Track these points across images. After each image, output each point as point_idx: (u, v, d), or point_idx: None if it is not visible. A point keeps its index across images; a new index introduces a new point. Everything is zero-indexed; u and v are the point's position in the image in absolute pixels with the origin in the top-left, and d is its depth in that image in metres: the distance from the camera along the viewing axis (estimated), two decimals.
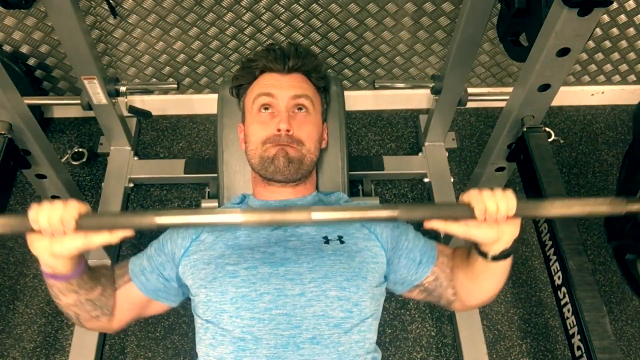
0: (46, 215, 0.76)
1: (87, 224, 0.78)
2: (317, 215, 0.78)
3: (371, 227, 1.01)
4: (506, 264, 0.89)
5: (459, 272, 0.97)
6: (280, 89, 1.08)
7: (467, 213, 0.79)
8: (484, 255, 0.87)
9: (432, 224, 0.81)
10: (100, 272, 0.96)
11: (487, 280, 0.93)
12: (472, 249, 0.91)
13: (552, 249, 1.14)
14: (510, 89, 1.29)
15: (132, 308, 1.00)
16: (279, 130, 1.03)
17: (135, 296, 0.99)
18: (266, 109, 1.08)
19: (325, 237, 0.99)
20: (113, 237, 0.80)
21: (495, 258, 0.86)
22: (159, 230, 0.84)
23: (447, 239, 1.70)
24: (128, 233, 0.80)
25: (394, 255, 1.00)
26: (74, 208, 0.78)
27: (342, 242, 0.98)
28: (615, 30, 1.91)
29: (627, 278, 1.77)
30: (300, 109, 1.08)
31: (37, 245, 0.80)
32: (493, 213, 0.78)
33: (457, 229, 0.82)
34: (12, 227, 0.78)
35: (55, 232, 0.77)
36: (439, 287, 0.99)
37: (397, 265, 1.00)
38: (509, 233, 0.83)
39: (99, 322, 0.97)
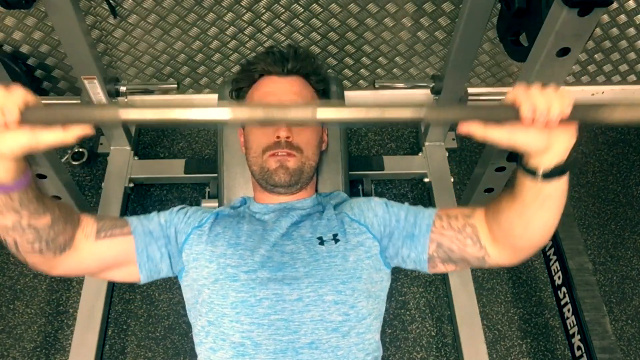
0: None
1: (35, 115, 0.64)
2: (323, 112, 0.64)
3: (361, 219, 1.00)
4: (561, 187, 0.75)
5: (501, 214, 0.83)
6: (280, 99, 1.07)
7: (512, 114, 0.65)
8: (532, 173, 0.73)
9: (469, 128, 0.69)
10: (56, 202, 0.82)
11: (538, 213, 0.78)
12: (518, 172, 0.77)
13: (552, 249, 1.14)
14: (510, 89, 1.29)
15: (104, 261, 0.91)
16: (278, 137, 1.03)
17: (123, 252, 0.92)
18: None
19: (320, 238, 0.98)
20: (67, 134, 0.67)
21: (547, 176, 0.72)
22: (124, 126, 0.66)
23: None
24: (86, 130, 0.67)
25: (389, 240, 0.98)
26: (18, 95, 0.64)
27: (336, 242, 0.98)
28: (615, 30, 1.91)
29: None
30: None
31: None
32: (544, 112, 0.65)
33: (499, 134, 0.70)
34: None
35: None
36: (451, 252, 0.92)
37: (394, 247, 0.98)
38: (561, 141, 0.70)
39: (40, 257, 0.83)
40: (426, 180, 1.94)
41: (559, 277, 1.12)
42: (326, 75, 1.23)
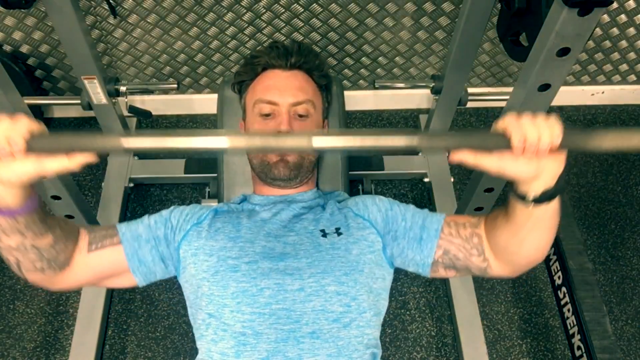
0: None
1: (40, 144, 0.65)
2: (319, 141, 0.64)
3: (365, 214, 1.01)
4: (551, 209, 0.76)
5: (497, 233, 0.85)
6: (281, 96, 1.08)
7: (502, 142, 0.65)
8: (522, 198, 0.75)
9: (460, 156, 0.70)
10: (56, 220, 0.84)
11: (532, 233, 0.80)
12: (509, 196, 0.79)
13: (553, 249, 1.14)
14: (510, 89, 1.29)
15: (99, 272, 0.93)
16: (279, 132, 1.03)
17: (115, 261, 0.93)
18: (267, 115, 1.08)
19: (323, 231, 0.99)
20: (72, 162, 0.69)
21: (537, 200, 0.74)
22: (126, 154, 0.69)
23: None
24: (90, 158, 0.69)
25: (393, 238, 0.98)
26: (23, 125, 0.67)
27: (339, 235, 0.98)
28: (615, 30, 1.91)
29: None
30: (301, 116, 1.09)
31: None
32: (534, 143, 0.65)
33: (489, 162, 0.70)
34: None
35: (1, 154, 0.66)
36: (456, 260, 0.93)
37: (399, 247, 0.98)
38: (550, 168, 0.71)
39: (41, 275, 0.86)
40: (426, 180, 1.94)
41: (559, 277, 1.12)
42: (329, 71, 1.23)
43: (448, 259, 0.94)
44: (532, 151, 0.66)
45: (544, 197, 0.74)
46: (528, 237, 0.81)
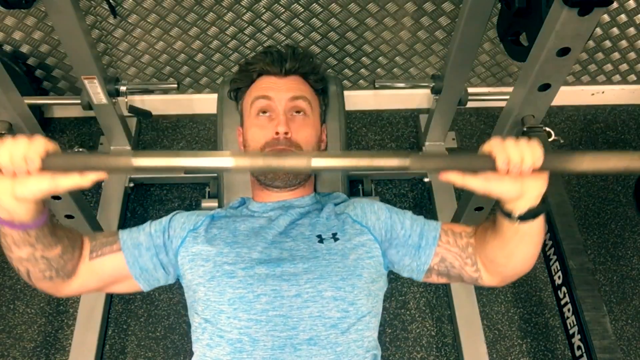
0: (8, 151, 0.69)
1: (55, 163, 0.70)
2: (317, 162, 0.70)
3: (363, 220, 1.01)
4: (536, 226, 0.81)
5: (486, 245, 0.89)
6: (278, 92, 1.08)
7: (488, 164, 0.71)
8: (508, 215, 0.79)
9: (448, 177, 0.75)
10: (64, 231, 0.88)
11: (518, 247, 0.84)
12: (497, 213, 0.83)
13: (552, 249, 1.14)
14: (510, 89, 1.29)
15: (102, 279, 0.95)
16: (277, 133, 1.03)
17: (116, 268, 0.95)
18: (264, 112, 1.08)
19: (319, 236, 0.99)
20: (84, 179, 0.73)
21: (522, 218, 0.79)
22: (136, 173, 0.76)
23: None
24: (101, 175, 0.74)
25: (391, 245, 0.99)
26: (39, 145, 0.71)
27: (335, 240, 0.98)
28: (615, 30, 1.90)
29: None
30: (298, 112, 1.08)
31: None
32: (517, 164, 0.71)
33: (476, 183, 0.75)
34: None
35: (18, 172, 0.70)
36: (452, 268, 0.95)
37: (398, 254, 0.98)
38: (534, 188, 0.76)
39: (49, 283, 0.89)
40: (426, 180, 1.94)
41: (559, 277, 1.11)
42: (325, 74, 1.23)
43: (444, 266, 0.96)
44: (515, 172, 0.71)
45: (529, 215, 0.79)
46: (515, 251, 0.85)
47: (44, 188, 0.72)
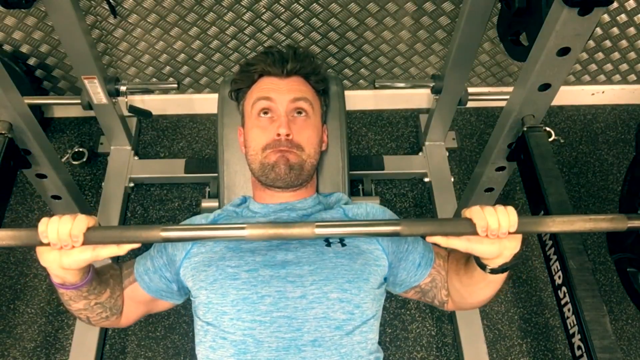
0: (55, 229, 0.77)
1: (95, 237, 0.79)
2: (320, 230, 0.81)
3: None
4: (503, 276, 0.90)
5: (454, 277, 0.98)
6: (279, 93, 1.07)
7: (469, 229, 0.80)
8: (483, 267, 0.88)
9: (434, 239, 0.83)
10: (108, 274, 0.98)
11: (483, 290, 0.94)
12: (471, 260, 0.91)
13: (552, 249, 1.14)
14: (510, 89, 1.29)
15: (139, 306, 1.03)
16: (278, 135, 1.03)
17: (141, 295, 1.02)
18: (265, 113, 1.07)
19: (327, 240, 0.98)
20: (120, 249, 0.82)
21: (494, 271, 0.87)
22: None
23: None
24: (135, 245, 0.82)
25: (395, 259, 1.00)
26: (82, 222, 0.79)
27: (343, 245, 0.98)
28: (615, 30, 1.90)
29: (628, 291, 1.75)
30: (299, 112, 1.08)
31: (46, 258, 0.81)
32: (495, 229, 0.79)
33: (459, 244, 0.83)
34: (22, 239, 0.79)
35: (64, 246, 0.79)
36: (434, 288, 1.01)
37: (398, 268, 1.00)
38: (510, 248, 0.83)
39: (108, 321, 1.00)
40: (426, 180, 1.94)
41: (559, 277, 1.11)
42: (326, 74, 1.23)
43: (429, 287, 1.00)
44: (493, 235, 0.80)
45: (500, 270, 0.87)
46: (478, 292, 0.95)
47: (87, 258, 0.81)
